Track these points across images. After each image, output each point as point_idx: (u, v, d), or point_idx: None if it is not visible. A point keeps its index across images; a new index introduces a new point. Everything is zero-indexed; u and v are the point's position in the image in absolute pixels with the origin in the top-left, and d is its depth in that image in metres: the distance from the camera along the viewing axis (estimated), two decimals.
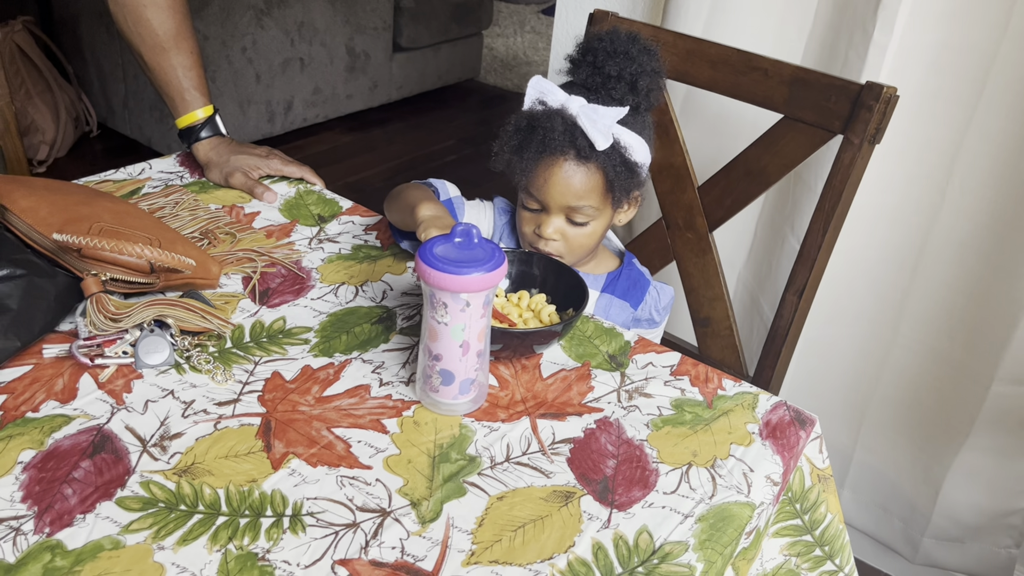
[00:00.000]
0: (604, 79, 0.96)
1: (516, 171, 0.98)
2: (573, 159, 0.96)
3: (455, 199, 1.07)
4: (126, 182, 1.15)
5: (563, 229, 1.00)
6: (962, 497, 1.44)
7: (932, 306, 1.37)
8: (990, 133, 1.23)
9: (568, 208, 0.98)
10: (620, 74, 0.95)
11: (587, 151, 0.94)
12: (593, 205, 0.98)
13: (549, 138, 0.94)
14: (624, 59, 0.96)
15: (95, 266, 0.85)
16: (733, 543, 0.70)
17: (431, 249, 0.75)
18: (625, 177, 0.97)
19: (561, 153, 0.95)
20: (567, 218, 0.99)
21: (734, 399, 0.86)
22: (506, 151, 0.97)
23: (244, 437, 0.75)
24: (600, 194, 0.98)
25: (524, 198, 1.01)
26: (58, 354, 0.82)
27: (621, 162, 0.96)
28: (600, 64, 0.96)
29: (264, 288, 0.96)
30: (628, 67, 0.95)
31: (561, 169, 0.96)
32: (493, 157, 0.99)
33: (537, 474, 0.74)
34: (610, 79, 0.96)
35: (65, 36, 2.96)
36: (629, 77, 0.96)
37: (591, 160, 0.95)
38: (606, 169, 0.96)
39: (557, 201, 0.98)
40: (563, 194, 0.97)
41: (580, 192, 0.97)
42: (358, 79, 3.35)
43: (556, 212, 0.99)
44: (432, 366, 0.78)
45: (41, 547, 0.63)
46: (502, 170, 1.00)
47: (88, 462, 0.70)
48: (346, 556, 0.65)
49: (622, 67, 0.95)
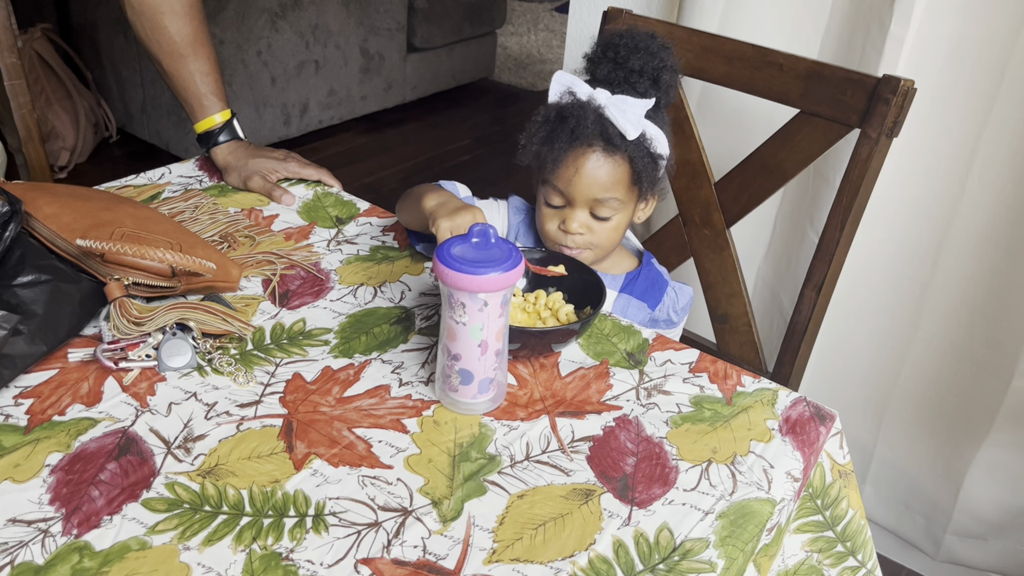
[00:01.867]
0: (627, 74, 0.98)
1: (546, 162, 0.99)
2: (601, 151, 0.97)
3: (466, 200, 1.07)
4: (146, 187, 1.17)
5: (588, 223, 1.01)
6: (984, 493, 1.43)
7: (952, 300, 1.36)
8: (1009, 125, 1.22)
9: (594, 201, 0.99)
10: (643, 69, 0.97)
11: (617, 140, 0.96)
12: (619, 198, 0.99)
13: (581, 127, 0.95)
14: (646, 54, 0.97)
15: (118, 271, 0.86)
16: (754, 540, 0.70)
17: (448, 250, 0.76)
18: (651, 169, 0.99)
19: (589, 144, 0.97)
20: (592, 212, 1.00)
21: (753, 395, 0.86)
22: (535, 142, 0.99)
23: (266, 438, 0.76)
24: (626, 186, 0.99)
25: (548, 194, 1.02)
26: (83, 358, 0.83)
27: (647, 154, 0.98)
28: (623, 60, 0.97)
29: (284, 290, 0.97)
30: (650, 62, 0.97)
31: (589, 160, 0.97)
32: (520, 150, 1.00)
33: (557, 472, 0.74)
34: (633, 73, 0.97)
35: (83, 43, 2.99)
36: (652, 72, 0.97)
37: (618, 152, 0.97)
38: (633, 160, 0.97)
39: (584, 194, 0.98)
40: (590, 186, 0.98)
41: (607, 184, 0.98)
42: (372, 80, 3.36)
43: (581, 206, 1.00)
44: (451, 366, 0.79)
45: (69, 548, 0.64)
46: (528, 164, 1.01)
47: (114, 464, 0.71)
48: (368, 555, 0.65)
49: (644, 62, 0.97)
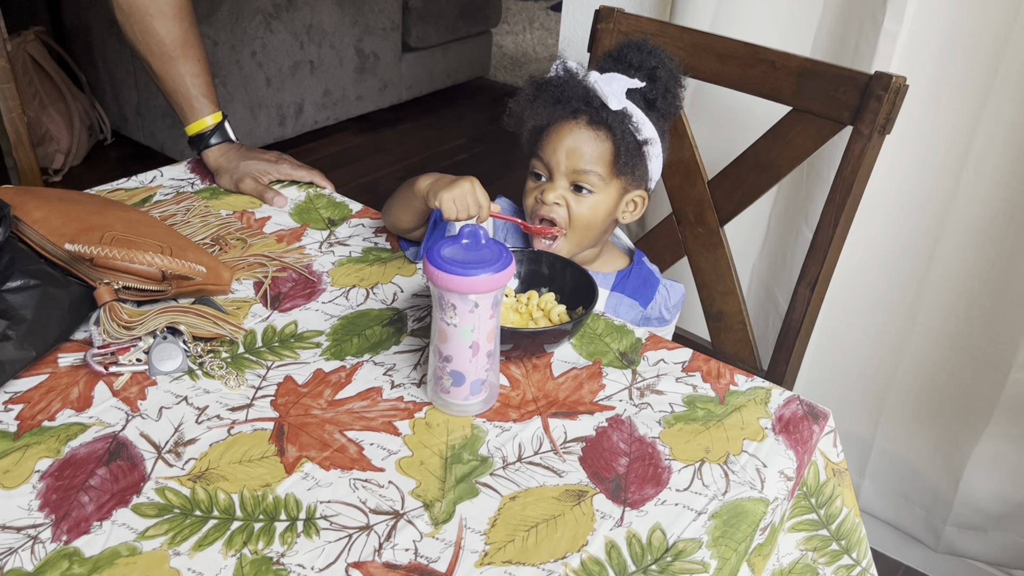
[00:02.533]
0: (624, 68, 1.02)
1: (528, 128, 1.02)
2: (585, 123, 0.99)
3: None
4: (138, 190, 1.16)
5: (567, 196, 1.01)
6: (984, 485, 1.43)
7: (949, 293, 1.36)
8: (1004, 118, 1.21)
9: (574, 172, 1.00)
10: (641, 64, 1.01)
11: (600, 114, 0.98)
12: (599, 173, 1.00)
13: (566, 95, 0.99)
14: (647, 53, 1.01)
15: (108, 275, 0.86)
16: (747, 539, 0.70)
17: (439, 251, 0.75)
18: (633, 150, 1.00)
19: (574, 116, 0.99)
20: (572, 184, 1.01)
21: (746, 394, 0.85)
22: (521, 105, 1.01)
23: (257, 442, 0.75)
24: (607, 163, 1.00)
25: (533, 165, 1.04)
26: (73, 363, 0.83)
27: (631, 135, 0.99)
28: (622, 56, 1.02)
29: (275, 293, 0.97)
30: (649, 60, 1.01)
31: (571, 131, 1.00)
32: (506, 115, 1.03)
33: (549, 473, 0.74)
34: (630, 68, 1.01)
35: (77, 45, 2.98)
36: (648, 68, 1.01)
37: (602, 127, 0.99)
38: (615, 137, 0.99)
39: (565, 163, 1.00)
40: (570, 156, 1.00)
41: (589, 157, 0.99)
42: (368, 80, 3.35)
43: (561, 177, 1.01)
44: (443, 367, 0.79)
45: (59, 555, 0.63)
46: (514, 130, 1.03)
47: (104, 469, 0.71)
48: (360, 559, 0.65)
49: (643, 59, 1.01)
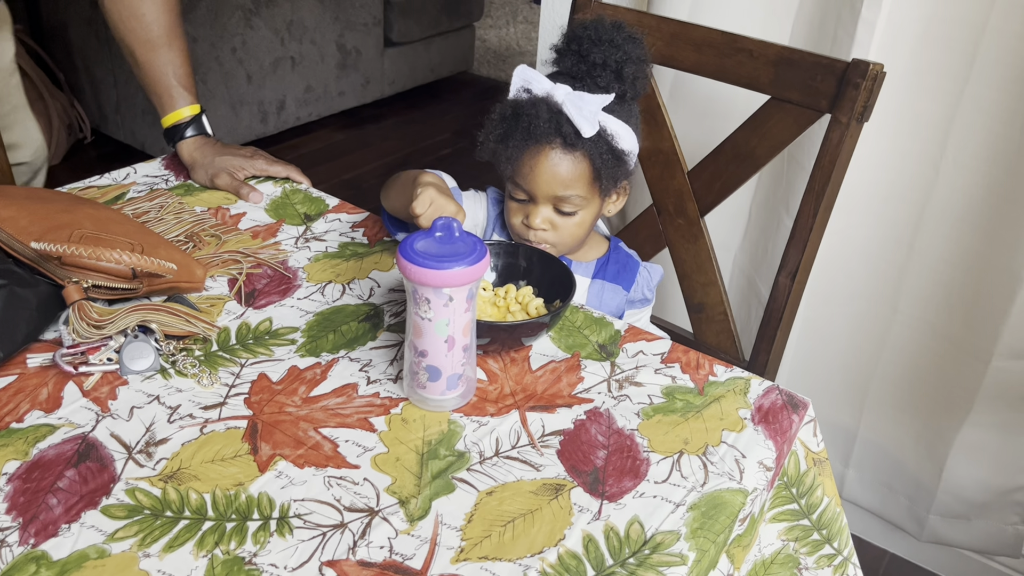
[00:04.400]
0: (589, 67, 0.95)
1: (502, 160, 0.97)
2: (559, 147, 0.95)
3: (452, 190, 1.06)
4: (111, 187, 1.15)
5: (552, 219, 0.99)
6: (966, 474, 1.43)
7: (930, 282, 1.36)
8: (982, 106, 1.21)
9: (555, 198, 0.97)
10: (605, 62, 0.95)
11: (573, 139, 0.93)
12: (580, 194, 0.97)
13: (535, 126, 0.93)
14: (609, 47, 0.95)
15: (76, 273, 0.84)
16: (726, 531, 0.69)
17: (412, 244, 0.74)
18: (612, 166, 0.96)
19: (547, 141, 0.95)
20: (555, 208, 0.98)
21: (725, 385, 0.85)
22: (491, 140, 0.97)
23: (230, 440, 0.74)
24: (587, 183, 0.97)
25: (511, 189, 1.00)
26: (42, 363, 0.81)
27: (608, 150, 0.95)
28: (585, 52, 0.95)
29: (250, 289, 0.96)
30: (613, 55, 0.95)
31: (547, 158, 0.95)
32: (479, 147, 0.98)
33: (527, 467, 0.73)
34: (595, 67, 0.95)
35: (55, 44, 2.95)
36: (614, 65, 0.95)
37: (577, 148, 0.95)
38: (593, 157, 0.95)
39: (544, 191, 0.97)
40: (549, 183, 0.96)
41: (567, 181, 0.96)
42: (350, 76, 3.33)
43: (544, 202, 0.98)
44: (418, 362, 0.78)
45: (26, 559, 0.62)
46: (488, 160, 0.99)
47: (73, 471, 0.70)
48: (334, 557, 0.64)
49: (607, 55, 0.94)
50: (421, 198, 0.87)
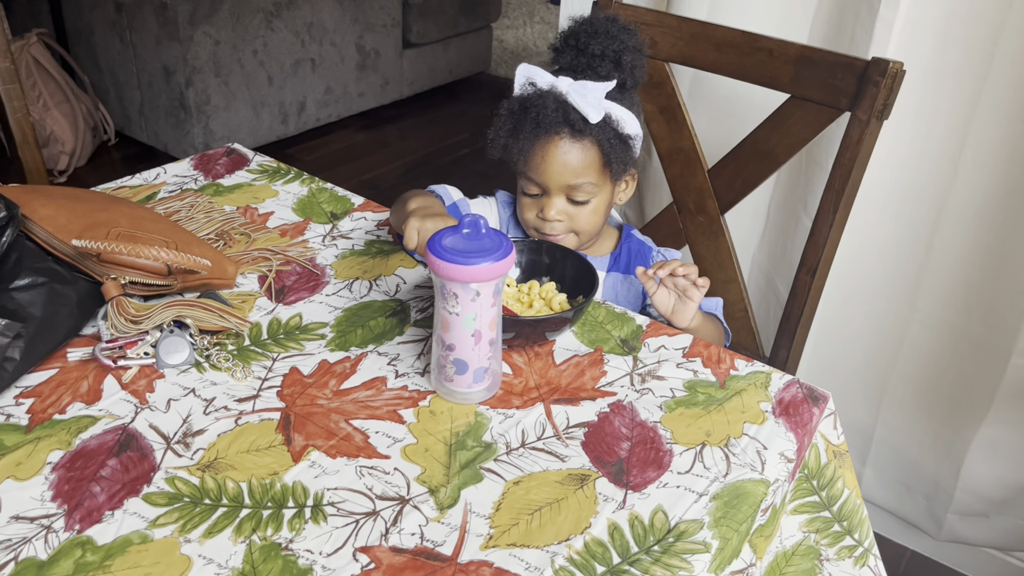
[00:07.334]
0: (588, 59, 0.99)
1: (513, 154, 1.00)
2: (568, 136, 0.98)
3: (459, 202, 1.08)
4: (142, 187, 1.17)
5: (566, 210, 1.02)
6: (985, 471, 1.43)
7: (948, 281, 1.36)
8: (1000, 104, 1.22)
9: (568, 187, 1.00)
10: (604, 52, 0.98)
11: (581, 125, 0.97)
12: (592, 181, 1.00)
13: (543, 116, 0.97)
14: (606, 38, 0.99)
15: (114, 270, 0.87)
16: (748, 520, 0.71)
17: (440, 241, 0.76)
18: (620, 150, 1.00)
19: (555, 131, 0.98)
20: (568, 198, 1.01)
21: (746, 379, 0.86)
22: (501, 136, 1.00)
23: (264, 432, 0.76)
24: (598, 169, 1.00)
25: (524, 184, 1.03)
26: (82, 357, 0.84)
27: (615, 135, 0.99)
28: (583, 46, 0.99)
29: (280, 286, 0.98)
30: (611, 45, 0.98)
31: (557, 148, 0.98)
32: (489, 145, 1.02)
33: (552, 458, 0.75)
34: (594, 58, 0.99)
35: (80, 47, 3.00)
36: (613, 54, 0.99)
37: (585, 136, 0.98)
38: (601, 143, 0.98)
39: (556, 181, 0.99)
40: (561, 173, 0.99)
41: (578, 169, 0.99)
42: (369, 77, 3.36)
43: (557, 193, 1.01)
44: (446, 356, 0.80)
45: (72, 543, 0.64)
46: (499, 157, 1.02)
47: (115, 460, 0.72)
48: (367, 543, 0.66)
49: (605, 45, 0.98)
50: (407, 235, 0.88)
